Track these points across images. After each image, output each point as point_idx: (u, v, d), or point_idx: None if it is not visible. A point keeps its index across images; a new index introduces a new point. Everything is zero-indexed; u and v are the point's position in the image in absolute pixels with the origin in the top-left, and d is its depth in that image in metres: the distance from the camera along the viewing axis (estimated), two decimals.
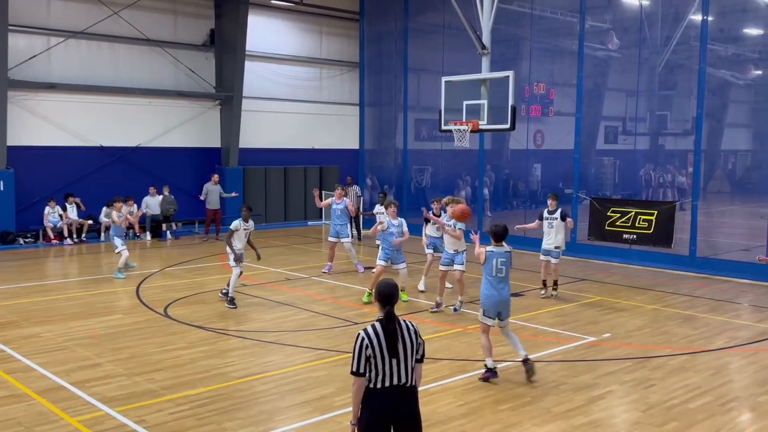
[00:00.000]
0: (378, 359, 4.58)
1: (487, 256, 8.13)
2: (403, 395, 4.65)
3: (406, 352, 4.64)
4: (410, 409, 4.68)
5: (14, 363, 8.66)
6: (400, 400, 4.63)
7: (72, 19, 19.58)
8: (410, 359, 4.67)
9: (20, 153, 18.85)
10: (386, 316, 4.65)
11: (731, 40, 18.88)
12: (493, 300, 8.15)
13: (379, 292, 4.74)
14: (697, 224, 15.86)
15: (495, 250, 8.18)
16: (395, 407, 4.62)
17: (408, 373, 4.65)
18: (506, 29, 19.24)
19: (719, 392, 7.87)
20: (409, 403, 4.67)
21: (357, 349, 4.60)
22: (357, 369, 4.60)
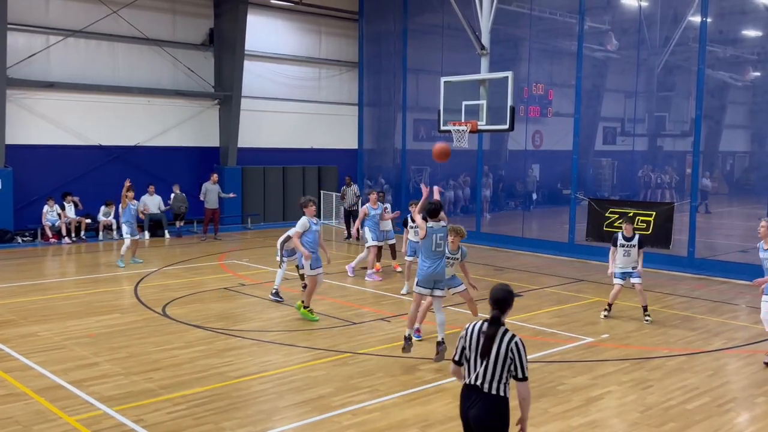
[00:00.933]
0: (470, 355, 4.75)
1: (428, 232, 8.47)
2: (481, 399, 4.67)
3: (497, 360, 4.64)
4: (483, 414, 4.67)
5: (12, 362, 8.65)
6: (475, 402, 4.68)
7: (71, 18, 19.56)
8: (501, 368, 4.65)
9: (19, 152, 18.83)
10: (490, 319, 4.73)
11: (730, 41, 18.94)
12: (430, 272, 8.57)
13: (491, 295, 4.80)
14: (696, 225, 15.88)
15: (434, 225, 8.53)
16: (470, 407, 4.71)
17: (494, 381, 4.65)
18: (505, 30, 19.27)
19: (717, 393, 7.88)
20: (484, 408, 4.67)
21: (458, 339, 4.86)
22: (454, 357, 4.89)
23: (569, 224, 18.06)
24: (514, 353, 4.66)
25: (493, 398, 4.67)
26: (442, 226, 8.65)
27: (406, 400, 7.51)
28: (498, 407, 4.68)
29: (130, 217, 15.40)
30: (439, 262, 8.61)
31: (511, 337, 4.69)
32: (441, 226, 8.64)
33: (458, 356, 4.83)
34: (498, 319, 4.69)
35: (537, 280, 14.59)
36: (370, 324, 10.82)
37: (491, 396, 4.67)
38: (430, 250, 8.56)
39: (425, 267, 8.60)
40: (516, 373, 4.68)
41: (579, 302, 12.58)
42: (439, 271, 8.62)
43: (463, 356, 4.80)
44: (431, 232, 8.53)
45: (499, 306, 4.73)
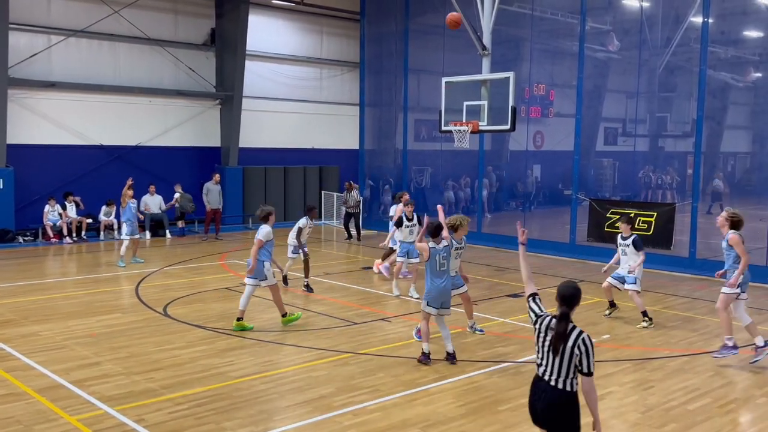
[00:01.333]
0: (540, 346, 4.90)
1: (431, 254, 8.65)
2: (548, 392, 4.82)
3: (565, 355, 4.79)
4: (551, 407, 4.81)
5: (13, 361, 8.65)
6: (543, 396, 4.83)
7: (72, 18, 19.58)
8: (568, 364, 4.79)
9: (20, 151, 18.85)
10: (560, 316, 4.85)
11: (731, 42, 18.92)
12: (437, 293, 8.68)
13: (559, 292, 4.94)
14: (697, 226, 15.86)
15: (436, 246, 8.71)
16: (538, 401, 4.87)
17: (562, 376, 4.80)
18: (507, 30, 19.25)
19: (718, 394, 7.88)
20: (552, 402, 4.80)
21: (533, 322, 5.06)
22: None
23: (570, 225, 18.05)
24: (581, 349, 4.80)
25: (561, 393, 4.81)
26: (444, 246, 8.79)
27: (408, 400, 7.51)
28: (566, 402, 4.81)
29: (130, 216, 15.40)
30: (445, 281, 8.73)
31: (579, 333, 4.84)
32: (443, 246, 8.77)
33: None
34: (567, 316, 4.83)
35: (538, 281, 14.48)
36: (372, 324, 10.82)
37: (559, 390, 4.81)
38: (435, 270, 8.70)
39: (433, 287, 8.70)
40: (582, 368, 4.82)
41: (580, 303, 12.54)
42: (446, 289, 8.79)
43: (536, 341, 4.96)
44: (434, 252, 8.67)
45: (567, 303, 4.88)
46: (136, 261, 15.80)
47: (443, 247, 8.76)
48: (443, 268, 8.72)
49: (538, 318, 5.01)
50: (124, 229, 15.46)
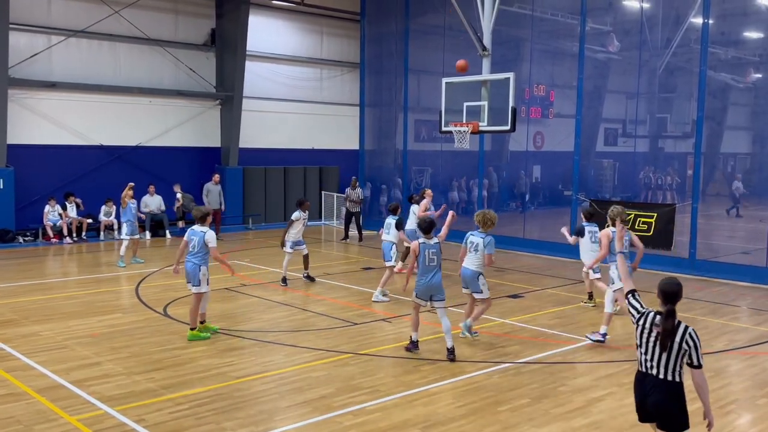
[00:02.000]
0: (644, 342, 5.04)
1: (420, 249, 9.03)
2: (659, 386, 4.98)
3: (673, 350, 4.93)
4: (663, 400, 4.98)
5: (13, 361, 8.65)
6: (653, 390, 5.00)
7: (73, 18, 19.58)
8: (676, 358, 4.94)
9: (20, 151, 18.85)
10: (666, 313, 4.95)
11: (732, 43, 18.91)
12: (424, 286, 9.03)
13: (662, 290, 5.02)
14: (697, 227, 15.86)
15: (426, 242, 9.10)
16: (648, 395, 5.04)
17: (670, 370, 4.95)
18: (507, 31, 19.26)
19: (718, 395, 7.87)
20: (664, 395, 4.97)
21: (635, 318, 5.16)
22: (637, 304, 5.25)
23: (570, 225, 18.02)
24: (690, 344, 4.93)
25: (671, 384, 4.96)
26: (435, 242, 9.12)
27: (408, 400, 7.51)
28: (676, 393, 4.97)
29: (131, 216, 15.45)
30: (433, 275, 9.02)
31: (686, 328, 4.97)
32: (433, 243, 9.11)
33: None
34: (674, 313, 4.95)
35: (538, 281, 14.59)
36: (372, 324, 10.82)
37: (668, 382, 4.97)
38: (425, 265, 9.03)
39: (422, 281, 9.06)
40: (692, 361, 4.95)
41: (580, 303, 12.56)
42: (434, 283, 9.03)
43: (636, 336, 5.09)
44: (423, 248, 9.05)
45: (672, 300, 4.98)
46: (136, 261, 15.82)
47: (433, 243, 9.09)
48: (432, 264, 9.03)
49: (641, 315, 5.14)
50: (124, 229, 15.50)
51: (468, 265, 9.68)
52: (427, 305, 9.22)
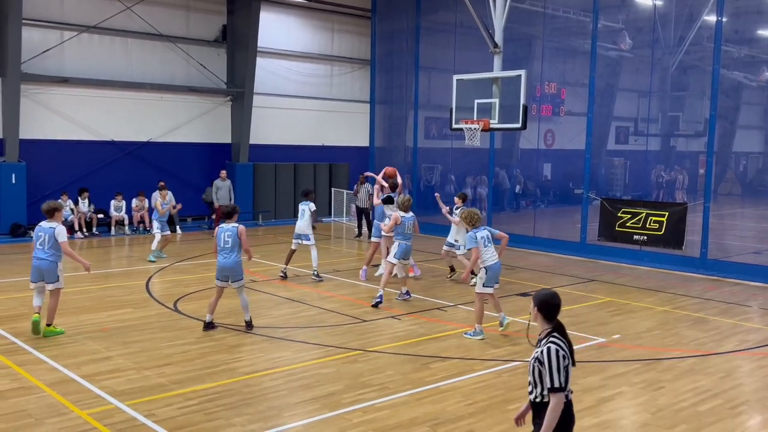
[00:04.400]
0: (569, 371, 4.52)
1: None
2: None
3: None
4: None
5: (25, 355, 8.71)
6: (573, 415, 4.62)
7: (85, 14, 19.66)
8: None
9: (32, 146, 18.96)
10: (561, 329, 4.59)
11: (745, 41, 18.76)
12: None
13: (547, 303, 4.63)
14: (709, 226, 15.77)
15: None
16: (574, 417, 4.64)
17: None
18: (518, 28, 19.18)
19: (729, 395, 7.83)
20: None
21: (557, 363, 4.42)
22: (561, 384, 4.42)
23: (581, 224, 18.00)
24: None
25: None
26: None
27: (416, 398, 7.50)
28: None
29: (160, 216, 16.03)
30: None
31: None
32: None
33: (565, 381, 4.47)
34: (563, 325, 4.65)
35: (548, 280, 14.54)
36: (381, 321, 10.82)
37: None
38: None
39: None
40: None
41: (590, 302, 12.53)
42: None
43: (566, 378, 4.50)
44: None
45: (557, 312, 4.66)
46: (160, 255, 16.14)
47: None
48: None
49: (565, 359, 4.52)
50: (155, 225, 16.01)
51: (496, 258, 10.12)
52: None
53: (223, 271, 9.86)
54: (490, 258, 9.99)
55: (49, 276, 9.65)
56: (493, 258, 10.01)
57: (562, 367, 4.43)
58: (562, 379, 4.41)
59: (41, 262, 9.68)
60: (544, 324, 4.61)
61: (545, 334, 4.57)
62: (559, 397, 4.43)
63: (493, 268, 9.96)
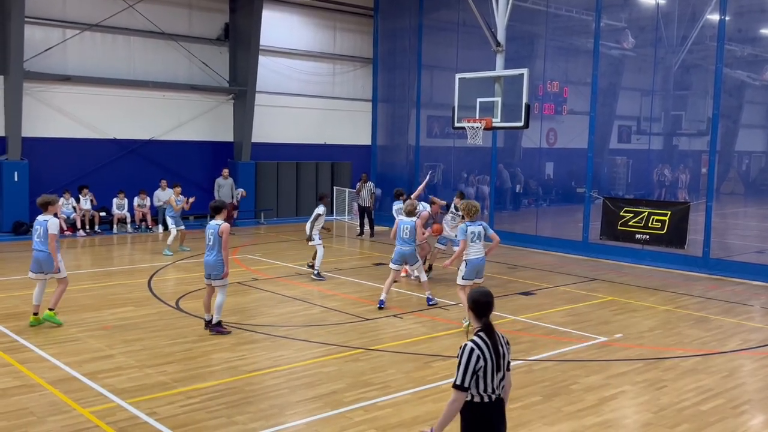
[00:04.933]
0: (488, 373, 4.40)
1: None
2: (502, 408, 4.55)
3: (503, 364, 4.51)
4: (505, 421, 4.60)
5: (27, 353, 8.71)
6: (500, 414, 4.53)
7: (88, 12, 19.67)
8: (505, 371, 4.53)
9: (35, 144, 18.97)
10: (488, 329, 4.46)
11: (748, 40, 18.73)
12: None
13: (475, 302, 4.52)
14: (711, 225, 15.74)
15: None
16: (499, 421, 4.52)
17: (501, 386, 4.53)
18: (521, 27, 19.15)
19: (732, 395, 7.82)
20: (504, 415, 4.59)
21: (466, 362, 4.35)
22: (463, 383, 4.37)
23: (583, 223, 17.98)
24: (510, 347, 4.66)
25: (504, 403, 4.61)
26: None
27: (419, 397, 7.50)
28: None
29: (173, 211, 16.58)
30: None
31: (501, 335, 4.58)
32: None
33: (469, 381, 4.39)
34: (493, 326, 4.50)
35: (550, 279, 14.53)
36: (383, 320, 10.81)
37: (503, 401, 4.60)
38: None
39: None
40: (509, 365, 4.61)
41: (592, 301, 12.52)
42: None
43: (474, 379, 4.41)
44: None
45: (489, 311, 4.51)
46: (183, 249, 16.70)
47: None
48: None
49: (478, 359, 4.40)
50: (170, 221, 16.58)
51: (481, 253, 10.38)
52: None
53: (206, 268, 9.85)
54: (474, 253, 10.28)
55: (48, 266, 9.92)
56: (477, 254, 10.30)
57: (471, 367, 4.34)
58: (466, 379, 4.35)
59: (39, 253, 9.99)
60: (475, 322, 4.53)
61: (474, 333, 4.52)
62: (458, 394, 4.37)
63: (473, 262, 10.27)
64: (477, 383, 4.40)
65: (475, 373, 4.37)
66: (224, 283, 9.75)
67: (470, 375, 4.36)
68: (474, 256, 10.27)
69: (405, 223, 11.72)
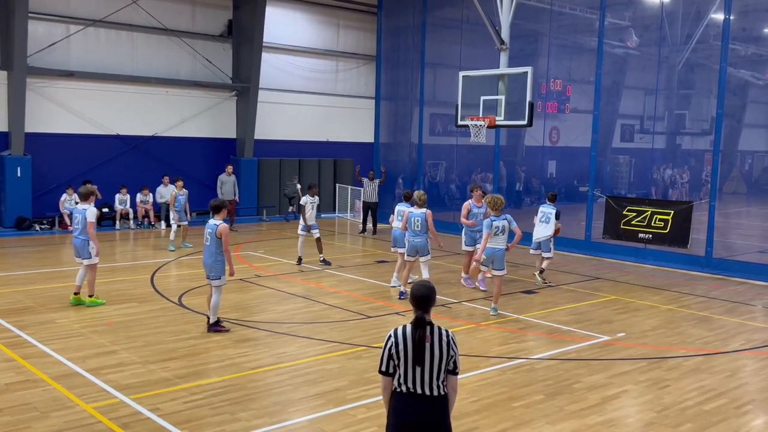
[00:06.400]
0: (402, 363, 4.40)
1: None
2: (428, 405, 4.41)
3: (433, 361, 4.39)
4: (435, 419, 4.44)
5: (30, 348, 8.72)
6: (424, 410, 4.41)
7: (91, 8, 19.66)
8: (438, 370, 4.41)
9: (38, 140, 18.98)
10: (415, 321, 4.44)
11: (752, 39, 18.69)
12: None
13: (413, 294, 4.52)
14: (714, 225, 15.73)
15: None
16: (420, 416, 4.41)
17: (434, 384, 4.41)
18: (525, 25, 19.14)
19: (734, 394, 7.82)
20: (434, 413, 4.43)
21: (384, 348, 4.47)
22: (380, 368, 4.48)
23: (586, 221, 17.97)
24: (452, 348, 4.47)
25: (443, 400, 4.47)
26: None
27: None
28: (446, 408, 4.52)
29: (178, 206, 16.56)
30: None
31: (442, 332, 4.46)
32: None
33: (386, 366, 4.44)
34: (424, 320, 4.43)
35: (553, 278, 14.52)
36: (385, 318, 10.82)
37: (441, 399, 4.46)
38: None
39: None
40: (453, 368, 4.49)
41: (595, 300, 12.51)
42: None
43: (390, 365, 4.44)
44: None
45: (424, 305, 4.48)
46: (185, 245, 16.66)
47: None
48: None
49: (390, 345, 4.43)
50: (173, 215, 16.60)
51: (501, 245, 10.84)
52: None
53: (204, 267, 9.85)
54: (494, 243, 10.79)
55: (83, 252, 10.86)
56: (497, 244, 10.79)
57: (385, 352, 4.45)
58: (381, 363, 4.47)
59: (75, 240, 10.99)
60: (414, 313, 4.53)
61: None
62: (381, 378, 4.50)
63: (490, 250, 10.79)
64: (396, 374, 4.47)
65: (390, 358, 4.45)
66: (221, 283, 9.71)
67: (384, 359, 4.45)
68: (492, 245, 10.76)
69: (415, 215, 11.70)
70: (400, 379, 4.45)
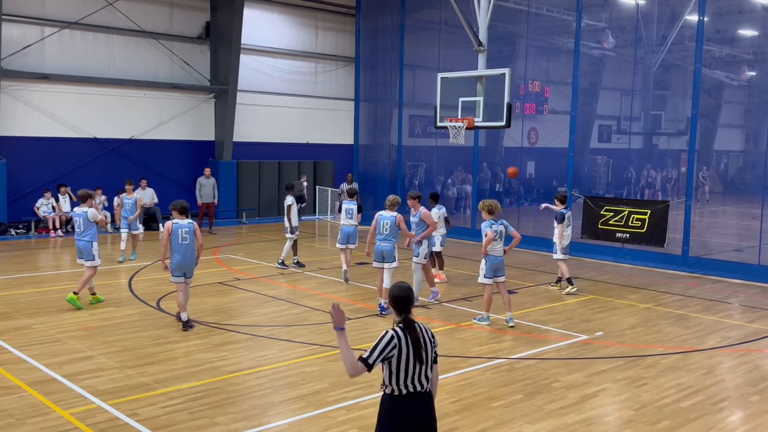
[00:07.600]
0: (403, 364, 4.47)
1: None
2: (428, 401, 4.58)
3: (427, 357, 4.56)
4: (433, 414, 4.62)
5: (6, 354, 8.61)
6: (425, 407, 4.56)
7: (67, 9, 19.46)
8: (430, 365, 4.59)
9: (13, 143, 18.75)
10: (406, 323, 4.53)
11: (726, 40, 18.92)
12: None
13: (393, 297, 4.60)
14: (691, 224, 15.91)
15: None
16: (422, 414, 4.54)
17: (428, 379, 4.58)
18: (503, 26, 19.23)
19: (711, 391, 7.91)
20: (432, 408, 4.61)
21: (383, 345, 4.46)
22: (369, 359, 4.45)
23: None
24: (435, 340, 4.67)
25: (431, 394, 4.64)
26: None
27: None
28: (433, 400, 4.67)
29: (125, 212, 15.46)
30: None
31: (424, 328, 4.63)
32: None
33: (376, 363, 4.48)
34: (413, 321, 4.57)
35: (532, 278, 14.60)
36: (365, 320, 10.81)
37: (429, 393, 4.62)
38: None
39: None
40: (435, 357, 4.67)
41: (573, 299, 12.59)
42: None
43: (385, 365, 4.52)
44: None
45: (406, 306, 4.59)
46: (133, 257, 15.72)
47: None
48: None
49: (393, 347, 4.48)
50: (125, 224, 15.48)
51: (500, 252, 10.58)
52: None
53: (182, 267, 9.81)
54: (495, 251, 10.54)
55: (86, 254, 10.94)
56: (497, 252, 10.55)
57: (384, 351, 4.45)
58: (373, 357, 4.45)
59: (78, 242, 11.02)
60: (396, 316, 4.62)
61: (395, 325, 4.60)
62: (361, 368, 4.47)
63: (492, 260, 10.49)
64: (397, 377, 4.49)
65: (386, 358, 4.46)
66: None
67: (379, 357, 4.46)
68: (494, 254, 10.51)
69: (385, 219, 11.13)
70: (404, 382, 4.50)
